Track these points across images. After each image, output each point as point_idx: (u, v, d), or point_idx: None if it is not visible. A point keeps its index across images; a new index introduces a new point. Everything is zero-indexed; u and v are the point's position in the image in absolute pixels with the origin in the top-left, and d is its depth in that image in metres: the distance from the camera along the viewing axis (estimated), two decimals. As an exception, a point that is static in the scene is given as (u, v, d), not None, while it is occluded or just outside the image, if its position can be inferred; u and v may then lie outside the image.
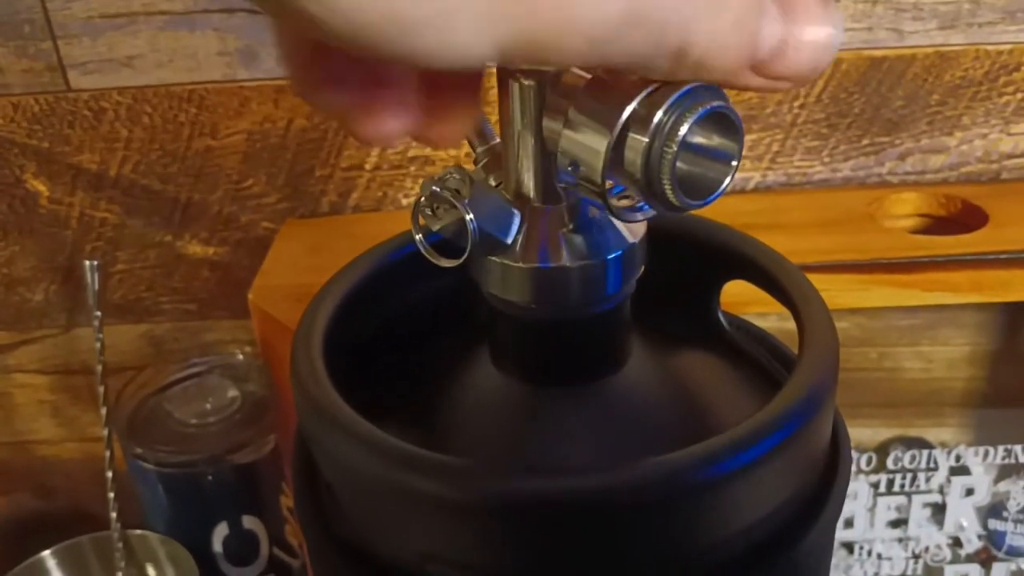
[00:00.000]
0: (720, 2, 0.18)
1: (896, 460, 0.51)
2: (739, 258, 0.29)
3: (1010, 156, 0.50)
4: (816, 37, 0.19)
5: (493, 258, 0.26)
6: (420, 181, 0.51)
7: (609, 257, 0.26)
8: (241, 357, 0.56)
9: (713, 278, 0.31)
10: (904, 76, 0.48)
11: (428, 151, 0.50)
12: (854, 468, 0.51)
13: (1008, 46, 0.47)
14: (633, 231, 0.27)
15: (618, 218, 0.25)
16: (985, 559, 0.53)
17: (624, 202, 0.24)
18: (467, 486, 0.23)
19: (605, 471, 0.23)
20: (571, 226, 0.25)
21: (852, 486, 0.51)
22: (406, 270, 0.32)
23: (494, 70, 0.23)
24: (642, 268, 0.27)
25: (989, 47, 0.47)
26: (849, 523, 0.51)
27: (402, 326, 0.33)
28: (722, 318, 0.31)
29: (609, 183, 0.22)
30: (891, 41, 0.47)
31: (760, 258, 0.29)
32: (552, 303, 0.26)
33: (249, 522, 0.52)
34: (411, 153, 0.50)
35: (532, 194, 0.25)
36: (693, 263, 0.31)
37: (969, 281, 0.42)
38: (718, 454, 0.23)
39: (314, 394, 0.26)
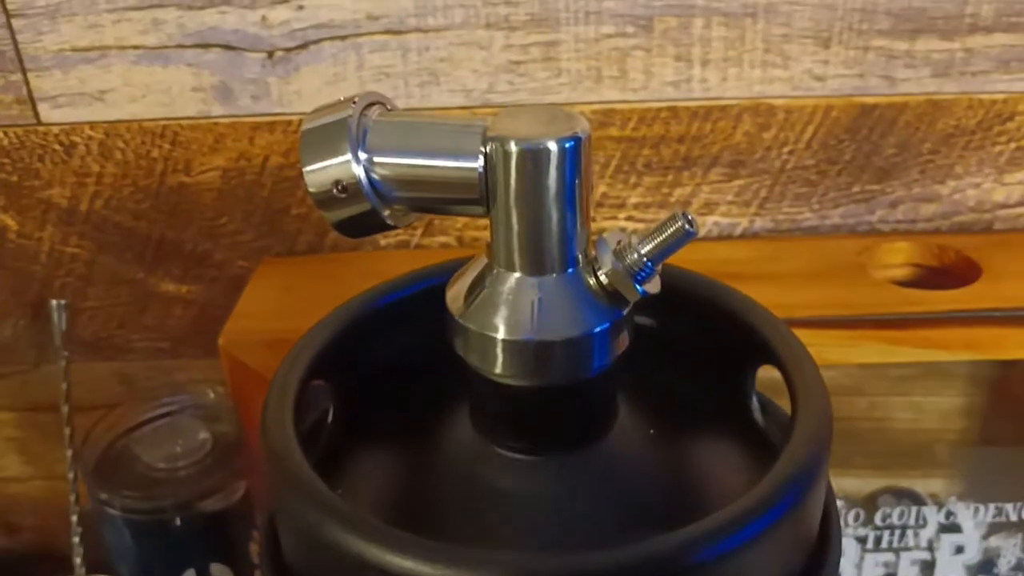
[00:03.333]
0: None
1: (885, 516, 0.49)
2: (764, 346, 0.29)
3: (1003, 206, 0.49)
4: None
5: (473, 328, 0.25)
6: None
7: (596, 330, 0.25)
8: (213, 396, 0.54)
9: (748, 361, 0.30)
10: (896, 124, 0.47)
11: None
12: (842, 523, 0.50)
13: (1002, 95, 0.46)
14: (618, 304, 0.26)
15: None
16: (975, 617, 0.51)
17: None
18: (424, 565, 0.22)
19: (571, 555, 0.23)
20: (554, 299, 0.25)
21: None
22: (383, 320, 0.31)
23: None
24: (627, 343, 0.27)
25: (983, 96, 0.46)
26: (836, 579, 0.50)
27: (380, 380, 0.32)
28: (755, 400, 0.31)
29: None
30: (883, 88, 0.46)
31: (779, 348, 0.28)
32: (532, 375, 0.26)
33: (217, 570, 0.50)
34: (391, 193, 0.49)
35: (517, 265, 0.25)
36: (732, 344, 0.30)
37: (961, 339, 0.41)
38: (689, 541, 0.22)
39: (289, 474, 0.25)
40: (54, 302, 0.47)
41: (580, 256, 0.26)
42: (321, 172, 0.25)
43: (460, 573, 0.22)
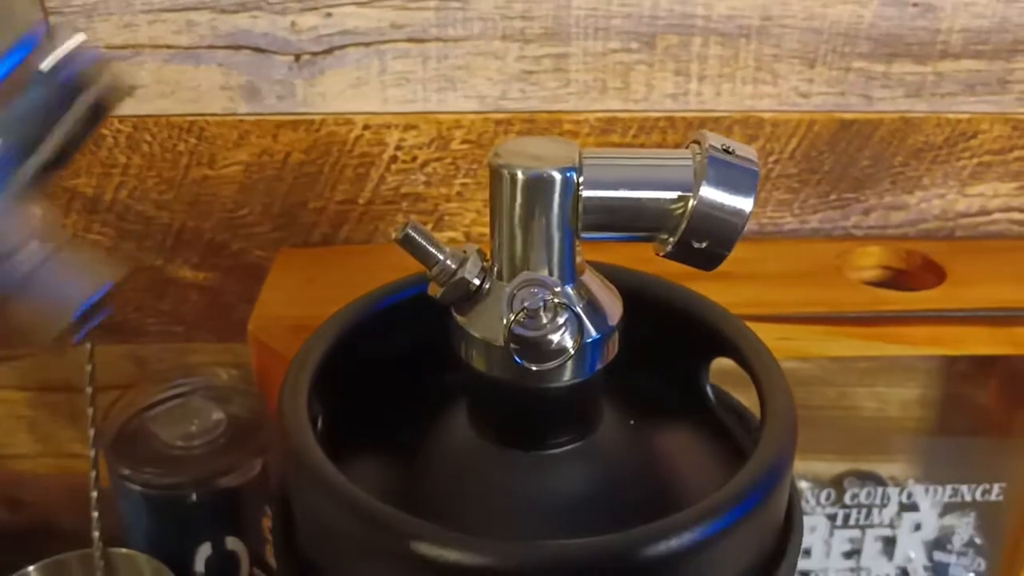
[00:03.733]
0: None
1: (852, 496, 0.54)
2: (725, 340, 0.32)
3: (965, 215, 0.54)
4: None
5: (475, 335, 0.28)
6: (411, 216, 0.53)
7: (588, 341, 0.28)
8: (225, 378, 0.57)
9: (703, 354, 0.33)
10: (871, 138, 0.51)
11: (420, 188, 0.52)
12: (813, 502, 0.54)
13: (967, 115, 0.51)
14: (612, 315, 0.29)
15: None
16: (929, 589, 0.56)
17: None
18: (412, 547, 0.25)
19: (563, 545, 0.25)
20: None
21: (811, 519, 0.54)
22: (394, 318, 0.34)
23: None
24: (616, 349, 0.30)
25: (950, 115, 0.51)
26: (807, 553, 0.55)
27: (389, 372, 0.34)
28: (710, 391, 0.34)
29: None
30: (861, 106, 0.51)
31: (741, 343, 0.32)
32: (532, 379, 0.28)
33: (232, 543, 0.53)
34: (404, 190, 0.52)
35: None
36: (686, 338, 0.33)
37: (927, 336, 0.46)
38: (673, 530, 0.25)
39: (301, 457, 0.27)
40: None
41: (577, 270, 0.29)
42: None
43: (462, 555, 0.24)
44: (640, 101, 0.50)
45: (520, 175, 0.27)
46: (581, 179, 0.27)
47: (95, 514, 0.52)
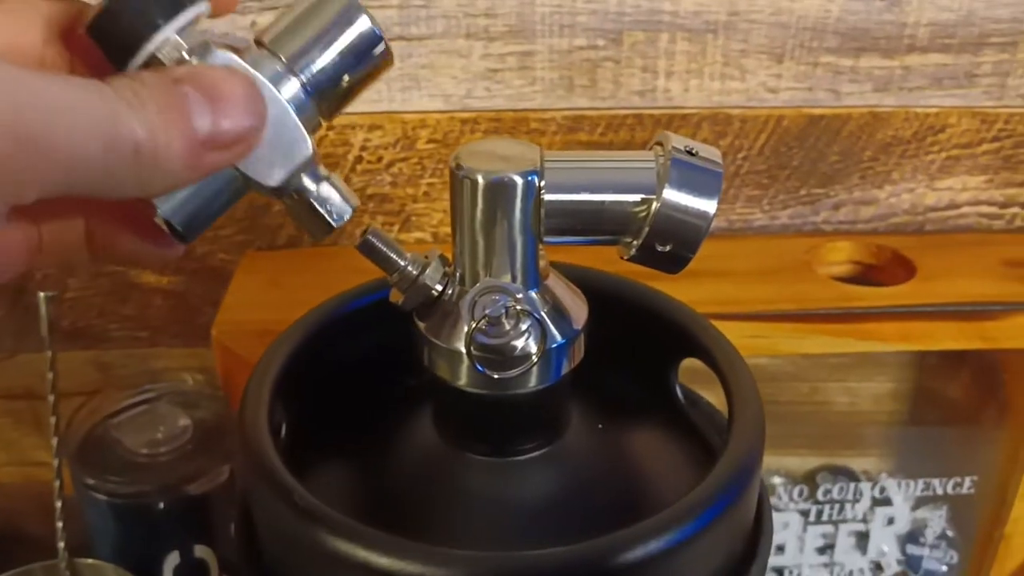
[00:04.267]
0: (137, 100, 0.21)
1: (825, 492, 0.54)
2: (693, 340, 0.32)
3: (934, 209, 0.54)
4: (240, 102, 0.23)
5: (437, 342, 0.28)
6: (377, 218, 0.52)
7: (553, 346, 0.28)
8: (191, 383, 0.56)
9: (671, 355, 0.33)
10: (840, 133, 0.51)
11: (386, 189, 0.51)
12: (786, 498, 0.54)
13: (935, 109, 0.51)
14: (576, 319, 0.29)
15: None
16: (903, 582, 0.57)
17: None
18: (379, 557, 0.24)
19: (528, 556, 0.25)
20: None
21: (785, 516, 0.54)
22: (360, 322, 0.33)
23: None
24: (581, 354, 0.29)
25: (918, 109, 0.51)
26: (780, 549, 0.55)
27: (356, 377, 0.34)
28: (679, 392, 0.34)
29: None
30: (829, 101, 0.50)
31: (710, 344, 0.31)
32: (496, 386, 0.28)
33: (200, 551, 0.52)
34: (370, 191, 0.51)
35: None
36: (654, 339, 0.33)
37: (897, 332, 0.46)
38: (639, 538, 0.25)
39: (258, 460, 0.27)
40: (41, 294, 0.48)
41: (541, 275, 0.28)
42: None
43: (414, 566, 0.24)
44: (607, 99, 0.49)
45: (480, 179, 0.27)
46: (543, 183, 0.27)
47: (59, 524, 0.51)
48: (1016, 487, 0.50)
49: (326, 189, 0.27)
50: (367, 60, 0.26)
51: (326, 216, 0.27)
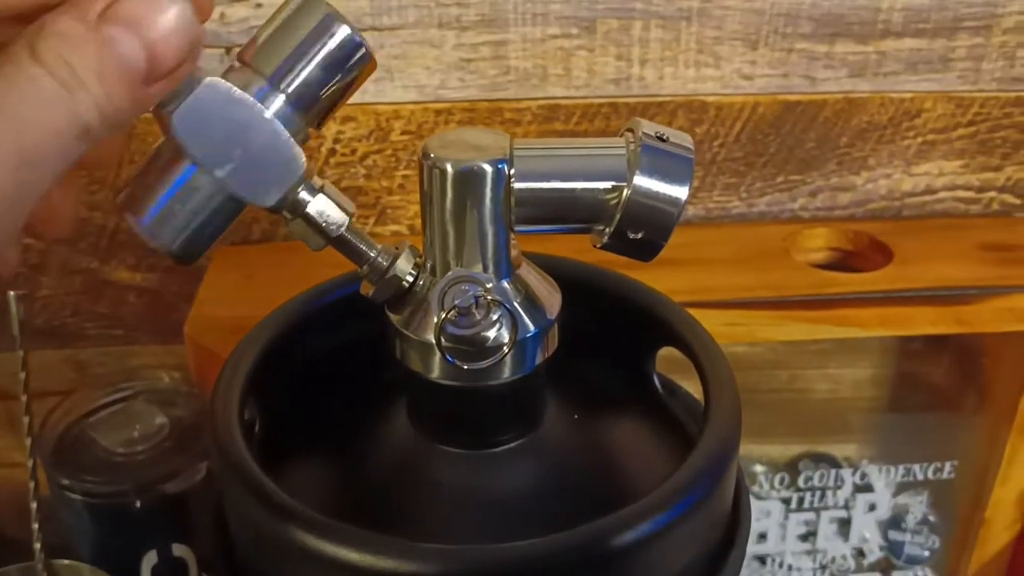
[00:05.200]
0: (74, 79, 0.20)
1: (807, 479, 0.54)
2: (669, 328, 0.32)
3: (911, 195, 0.54)
4: (169, 25, 0.21)
5: (409, 334, 0.28)
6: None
7: (526, 336, 0.28)
8: (167, 380, 0.55)
9: (648, 343, 0.33)
10: (816, 119, 0.51)
11: (360, 181, 0.51)
12: (768, 486, 0.54)
13: (910, 94, 0.51)
14: (550, 308, 0.28)
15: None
16: (885, 567, 0.57)
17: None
18: (360, 554, 0.24)
19: (503, 548, 0.24)
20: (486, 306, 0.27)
21: (766, 504, 0.54)
22: (333, 315, 0.33)
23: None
24: (555, 343, 0.29)
25: (893, 95, 0.51)
26: (763, 537, 0.54)
27: (331, 371, 0.34)
28: (656, 380, 0.33)
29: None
30: (804, 87, 0.50)
31: (686, 333, 0.31)
32: (469, 378, 0.28)
33: (179, 550, 0.52)
34: (344, 184, 0.51)
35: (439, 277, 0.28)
36: (631, 328, 0.33)
37: (876, 317, 0.46)
38: (614, 529, 0.24)
39: (228, 456, 0.27)
40: (12, 293, 0.47)
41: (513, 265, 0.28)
42: None
43: (390, 561, 0.24)
44: (582, 87, 0.49)
45: (449, 168, 0.26)
46: (512, 171, 0.27)
47: (35, 525, 0.51)
48: (996, 471, 0.50)
49: (322, 201, 0.27)
50: (349, 68, 0.26)
51: (324, 228, 0.27)
